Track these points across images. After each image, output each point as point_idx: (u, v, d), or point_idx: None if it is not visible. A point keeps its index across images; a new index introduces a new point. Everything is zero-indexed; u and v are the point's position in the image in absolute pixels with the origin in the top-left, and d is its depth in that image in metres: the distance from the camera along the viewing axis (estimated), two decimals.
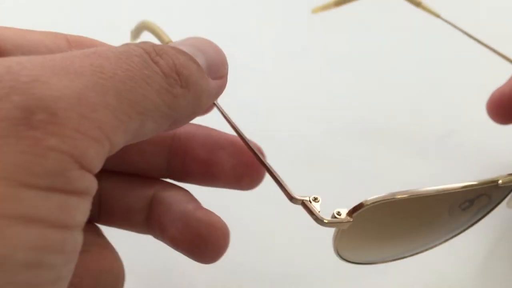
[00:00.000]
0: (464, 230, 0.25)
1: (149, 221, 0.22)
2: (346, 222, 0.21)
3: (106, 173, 0.21)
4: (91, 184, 0.15)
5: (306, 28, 0.46)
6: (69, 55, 0.16)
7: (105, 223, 0.22)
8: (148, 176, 0.22)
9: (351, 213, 0.21)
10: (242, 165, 0.22)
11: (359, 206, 0.21)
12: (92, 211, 0.19)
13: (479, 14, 0.46)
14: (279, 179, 0.20)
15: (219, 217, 0.21)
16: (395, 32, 0.45)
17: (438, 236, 0.25)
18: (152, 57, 0.17)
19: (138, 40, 0.27)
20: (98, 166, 0.15)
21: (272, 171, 0.20)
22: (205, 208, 0.22)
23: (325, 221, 0.20)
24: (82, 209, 0.15)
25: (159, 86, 0.16)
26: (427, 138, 0.34)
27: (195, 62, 0.18)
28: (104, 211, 0.22)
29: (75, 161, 0.14)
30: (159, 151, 0.22)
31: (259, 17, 0.49)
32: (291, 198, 0.20)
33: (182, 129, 0.22)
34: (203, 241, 0.20)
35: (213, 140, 0.22)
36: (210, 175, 0.22)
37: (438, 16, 0.31)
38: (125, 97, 0.15)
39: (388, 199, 0.21)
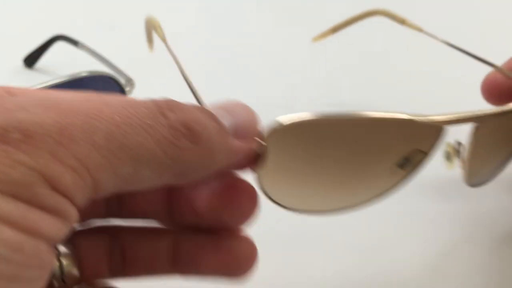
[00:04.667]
0: (398, 187, 0.23)
1: (175, 258, 0.21)
2: (258, 145, 0.19)
3: (127, 229, 0.22)
4: (66, 208, 0.15)
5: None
6: (71, 97, 0.16)
7: (130, 274, 0.22)
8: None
9: (263, 136, 0.19)
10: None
11: (273, 127, 0.19)
12: (115, 265, 0.21)
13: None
14: None
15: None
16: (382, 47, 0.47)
17: (370, 189, 0.23)
18: (161, 111, 0.17)
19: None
20: (78, 196, 0.15)
21: None
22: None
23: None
24: (50, 223, 0.15)
25: (160, 136, 0.16)
26: None
27: (216, 120, 0.18)
28: (129, 264, 0.22)
29: (44, 180, 0.15)
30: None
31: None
32: None
33: None
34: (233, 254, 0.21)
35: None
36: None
37: (420, 30, 0.33)
38: (116, 139, 0.16)
39: (307, 120, 0.20)
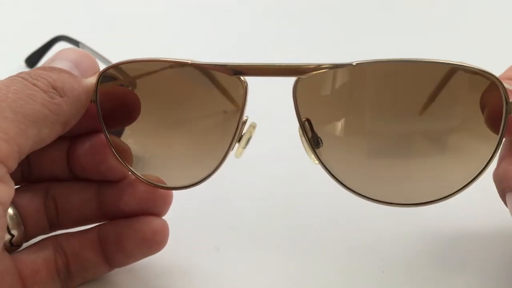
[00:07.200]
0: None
1: (100, 205, 0.26)
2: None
3: (55, 184, 0.27)
4: (4, 174, 0.21)
5: None
6: None
7: (66, 225, 0.27)
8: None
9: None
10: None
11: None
12: (52, 217, 0.26)
13: None
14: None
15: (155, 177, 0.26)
16: None
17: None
18: (30, 81, 0.22)
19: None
20: (10, 163, 0.21)
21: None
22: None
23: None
24: (2, 190, 0.20)
25: (42, 100, 0.22)
26: None
27: (66, 72, 0.23)
28: (62, 215, 0.27)
29: None
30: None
31: None
32: None
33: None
34: (152, 193, 0.26)
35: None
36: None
37: None
38: (18, 112, 0.21)
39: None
